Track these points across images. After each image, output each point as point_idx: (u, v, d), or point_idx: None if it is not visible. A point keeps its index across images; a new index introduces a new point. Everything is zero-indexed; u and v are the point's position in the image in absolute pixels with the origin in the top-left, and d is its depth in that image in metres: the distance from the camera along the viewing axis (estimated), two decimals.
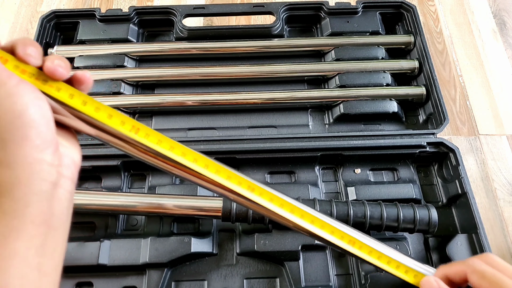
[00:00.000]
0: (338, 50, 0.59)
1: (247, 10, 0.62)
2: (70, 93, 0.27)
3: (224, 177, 0.32)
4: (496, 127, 0.63)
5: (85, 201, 0.44)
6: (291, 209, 0.34)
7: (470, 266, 0.30)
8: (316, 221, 0.35)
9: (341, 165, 0.52)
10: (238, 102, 0.55)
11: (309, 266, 0.44)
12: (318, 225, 0.35)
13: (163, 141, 0.30)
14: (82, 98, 0.28)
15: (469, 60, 0.69)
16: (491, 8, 0.75)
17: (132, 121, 0.29)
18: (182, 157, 0.30)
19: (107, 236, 0.46)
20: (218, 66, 0.59)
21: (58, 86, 0.27)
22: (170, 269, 0.44)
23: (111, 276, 0.44)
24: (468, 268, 0.30)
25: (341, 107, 0.55)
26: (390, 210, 0.43)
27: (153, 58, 0.61)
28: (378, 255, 0.36)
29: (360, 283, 0.44)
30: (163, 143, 0.30)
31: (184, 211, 0.43)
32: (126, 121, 0.29)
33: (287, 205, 0.34)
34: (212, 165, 0.31)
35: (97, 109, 0.28)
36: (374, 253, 0.35)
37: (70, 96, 0.27)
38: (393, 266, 0.36)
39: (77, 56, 0.58)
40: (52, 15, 0.61)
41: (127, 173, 0.52)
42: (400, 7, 0.63)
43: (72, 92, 0.27)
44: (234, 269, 0.45)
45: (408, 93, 0.56)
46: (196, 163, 0.31)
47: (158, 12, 0.63)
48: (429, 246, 0.47)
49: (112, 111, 0.29)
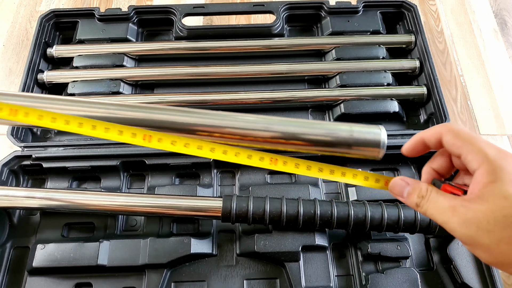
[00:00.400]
0: (338, 49, 0.59)
1: (247, 9, 0.62)
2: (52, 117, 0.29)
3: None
4: (497, 127, 0.62)
5: (84, 201, 0.43)
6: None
7: (445, 126, 0.30)
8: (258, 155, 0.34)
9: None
10: (238, 101, 0.55)
11: (309, 267, 0.44)
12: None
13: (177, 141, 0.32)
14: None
15: (470, 59, 0.69)
16: (492, 7, 0.75)
17: (142, 131, 0.31)
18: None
19: (106, 236, 0.46)
20: (218, 66, 0.58)
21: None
22: (170, 270, 0.44)
23: (110, 276, 0.44)
24: (443, 128, 0.30)
25: (342, 107, 0.54)
26: (391, 211, 0.42)
27: (153, 58, 0.61)
28: (330, 169, 0.34)
29: (361, 284, 0.44)
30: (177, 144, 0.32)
31: (183, 211, 0.43)
32: (137, 132, 0.30)
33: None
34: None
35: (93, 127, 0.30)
36: (325, 169, 0.34)
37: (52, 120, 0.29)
38: (350, 177, 0.34)
39: (76, 56, 0.58)
40: (51, 14, 0.61)
41: (127, 173, 0.52)
42: (401, 7, 0.63)
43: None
44: (234, 270, 0.45)
45: (409, 92, 0.56)
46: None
47: (158, 11, 0.62)
48: (430, 246, 0.46)
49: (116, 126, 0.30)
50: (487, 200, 0.25)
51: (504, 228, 0.24)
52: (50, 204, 0.43)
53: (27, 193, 0.44)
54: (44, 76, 0.56)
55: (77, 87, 0.55)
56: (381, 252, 0.43)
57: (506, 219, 0.24)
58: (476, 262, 0.44)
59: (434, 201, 0.29)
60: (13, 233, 0.47)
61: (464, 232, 0.26)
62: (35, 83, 0.56)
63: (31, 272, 0.44)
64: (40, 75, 0.57)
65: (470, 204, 0.26)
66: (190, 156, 0.49)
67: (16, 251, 0.47)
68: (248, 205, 0.42)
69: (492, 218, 0.25)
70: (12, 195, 0.44)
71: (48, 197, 0.43)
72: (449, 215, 0.27)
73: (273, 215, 0.42)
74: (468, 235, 0.26)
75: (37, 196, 0.43)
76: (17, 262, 0.46)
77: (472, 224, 0.26)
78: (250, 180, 0.51)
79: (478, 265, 0.44)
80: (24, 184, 0.51)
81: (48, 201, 0.43)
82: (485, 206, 0.25)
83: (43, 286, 0.43)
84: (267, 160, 0.33)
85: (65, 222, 0.47)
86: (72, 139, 0.54)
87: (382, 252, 0.44)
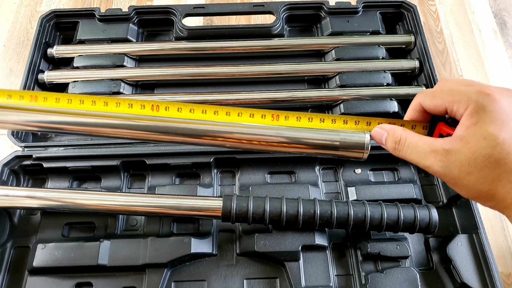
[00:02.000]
0: (338, 49, 0.59)
1: (247, 10, 0.62)
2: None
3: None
4: None
5: (85, 201, 0.43)
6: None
7: (420, 94, 0.31)
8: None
9: (342, 165, 0.52)
10: (238, 102, 0.55)
11: (309, 267, 0.44)
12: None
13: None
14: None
15: (469, 60, 0.69)
16: (491, 7, 0.75)
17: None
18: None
19: (106, 236, 0.46)
20: (218, 66, 0.58)
21: None
22: (170, 270, 0.44)
23: (110, 276, 0.44)
24: (420, 97, 0.31)
25: (342, 107, 0.55)
26: (390, 210, 0.42)
27: (153, 58, 0.61)
28: (308, 117, 0.35)
29: (361, 284, 0.44)
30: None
31: (184, 211, 0.43)
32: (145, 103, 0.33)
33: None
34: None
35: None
36: (303, 118, 0.35)
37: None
38: (329, 122, 0.35)
39: (77, 56, 0.58)
40: (52, 14, 0.61)
41: (127, 173, 0.52)
42: (400, 7, 0.63)
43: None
44: (234, 269, 0.45)
45: (408, 93, 0.56)
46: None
47: (158, 11, 0.63)
48: (429, 246, 0.47)
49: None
50: (468, 142, 0.26)
51: (482, 168, 0.25)
52: (50, 204, 0.43)
53: (28, 193, 0.44)
54: (44, 76, 0.56)
55: (77, 87, 0.55)
56: (381, 252, 0.44)
57: (484, 159, 0.25)
58: (475, 262, 0.44)
59: (413, 145, 0.29)
60: (14, 233, 0.48)
61: (447, 174, 0.27)
62: (35, 83, 0.56)
63: (31, 271, 0.44)
64: (41, 75, 0.57)
65: (451, 146, 0.27)
66: (190, 156, 0.50)
67: (17, 251, 0.47)
68: (248, 205, 0.42)
69: (472, 159, 0.25)
70: (13, 195, 0.44)
71: (49, 197, 0.43)
72: (431, 159, 0.28)
73: (273, 214, 0.42)
74: (450, 177, 0.27)
75: (38, 196, 0.43)
76: (18, 262, 0.46)
77: (454, 167, 0.26)
78: (250, 180, 0.51)
79: (478, 265, 0.44)
80: (25, 184, 0.51)
81: (49, 201, 0.43)
82: (466, 148, 0.26)
83: (44, 285, 0.43)
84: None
85: (66, 222, 0.47)
86: (72, 139, 0.54)
87: (381, 252, 0.44)
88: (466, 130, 0.26)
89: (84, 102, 0.35)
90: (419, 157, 0.29)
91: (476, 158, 0.25)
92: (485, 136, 0.25)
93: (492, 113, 0.25)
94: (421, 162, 0.29)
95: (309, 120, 0.35)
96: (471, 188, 0.26)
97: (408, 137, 0.30)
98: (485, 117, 0.25)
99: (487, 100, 0.26)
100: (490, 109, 0.26)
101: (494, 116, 0.25)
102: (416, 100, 0.32)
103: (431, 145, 0.28)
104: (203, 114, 0.35)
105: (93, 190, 0.47)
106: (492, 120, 0.25)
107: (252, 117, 0.36)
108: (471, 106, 0.26)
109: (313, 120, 0.35)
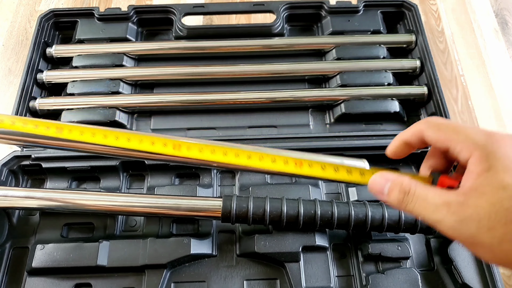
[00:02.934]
0: (339, 49, 0.59)
1: (247, 9, 0.62)
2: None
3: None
4: (498, 127, 0.62)
5: (84, 201, 0.43)
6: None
7: (425, 122, 0.27)
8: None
9: None
10: (238, 101, 0.55)
11: (309, 268, 0.44)
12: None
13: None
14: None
15: (471, 59, 0.69)
16: (493, 7, 0.75)
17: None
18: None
19: (106, 237, 0.46)
20: (217, 65, 0.58)
21: None
22: (169, 271, 0.44)
23: (110, 277, 0.43)
24: (423, 124, 0.27)
25: (342, 107, 0.54)
26: (391, 211, 0.42)
27: (152, 57, 0.61)
28: (308, 163, 0.33)
29: (361, 284, 0.44)
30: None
31: (183, 212, 0.43)
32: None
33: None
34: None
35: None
36: (305, 165, 0.33)
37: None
38: (331, 171, 0.32)
39: (76, 55, 0.58)
40: (51, 14, 0.61)
41: (126, 174, 0.52)
42: (401, 6, 0.62)
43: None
44: (234, 270, 0.45)
45: (409, 92, 0.55)
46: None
47: (157, 10, 0.62)
48: (430, 247, 0.46)
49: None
50: (484, 192, 0.22)
51: (506, 223, 0.22)
52: (49, 205, 0.43)
53: (27, 193, 0.43)
54: (43, 76, 0.56)
55: (76, 87, 0.55)
56: (382, 253, 0.43)
57: (507, 213, 0.22)
58: (477, 262, 0.44)
59: (422, 197, 0.25)
60: (13, 234, 0.47)
61: (464, 231, 0.23)
62: (34, 83, 0.56)
63: (30, 272, 0.44)
64: (40, 75, 0.56)
65: (466, 198, 0.23)
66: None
67: (16, 251, 0.46)
68: (248, 206, 0.41)
69: (493, 213, 0.22)
70: (12, 195, 0.43)
71: (48, 197, 0.43)
72: (443, 213, 0.24)
73: (273, 215, 0.41)
74: (468, 235, 0.23)
75: (37, 196, 0.43)
76: (17, 262, 0.46)
77: (472, 221, 0.22)
78: (250, 180, 0.50)
79: (479, 266, 0.44)
80: (24, 184, 0.51)
81: (48, 201, 0.43)
82: (483, 199, 0.22)
83: (43, 286, 0.43)
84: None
85: (65, 222, 0.47)
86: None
87: (382, 253, 0.43)
88: (478, 178, 0.23)
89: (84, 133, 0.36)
90: (428, 210, 0.25)
91: (497, 211, 0.22)
92: (503, 186, 0.22)
93: (504, 160, 0.23)
94: (431, 216, 0.24)
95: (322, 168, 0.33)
96: (496, 247, 0.22)
97: (418, 188, 0.26)
98: (497, 164, 0.23)
99: (497, 145, 0.23)
100: (501, 155, 0.23)
101: (507, 163, 0.22)
102: (418, 127, 0.28)
103: (443, 196, 0.24)
104: (221, 155, 0.35)
105: (92, 191, 0.46)
106: (505, 168, 0.22)
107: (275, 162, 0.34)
108: (479, 150, 0.23)
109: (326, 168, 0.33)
